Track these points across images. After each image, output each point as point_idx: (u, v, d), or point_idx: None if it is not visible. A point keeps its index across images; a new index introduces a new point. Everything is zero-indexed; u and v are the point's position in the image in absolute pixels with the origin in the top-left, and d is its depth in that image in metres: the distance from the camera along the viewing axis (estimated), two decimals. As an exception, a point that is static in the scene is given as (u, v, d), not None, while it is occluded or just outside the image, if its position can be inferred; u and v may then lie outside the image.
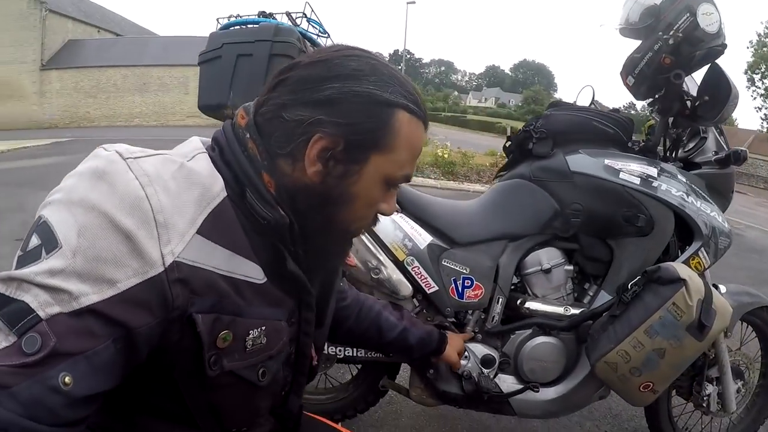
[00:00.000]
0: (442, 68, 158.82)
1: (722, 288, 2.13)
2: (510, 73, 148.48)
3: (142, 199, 0.72)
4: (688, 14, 1.94)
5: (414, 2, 36.86)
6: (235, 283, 0.81)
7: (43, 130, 27.95)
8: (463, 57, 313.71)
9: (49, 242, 0.68)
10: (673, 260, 1.99)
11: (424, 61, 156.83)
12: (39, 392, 0.62)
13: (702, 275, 1.95)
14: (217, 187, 0.81)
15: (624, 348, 1.74)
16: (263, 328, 0.87)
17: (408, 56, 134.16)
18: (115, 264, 0.69)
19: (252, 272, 0.85)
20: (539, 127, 2.07)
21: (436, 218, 2.02)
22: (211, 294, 0.78)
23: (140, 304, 0.70)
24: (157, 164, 0.78)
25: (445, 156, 11.87)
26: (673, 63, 1.96)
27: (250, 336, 0.85)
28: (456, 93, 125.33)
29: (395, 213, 1.95)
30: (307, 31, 2.15)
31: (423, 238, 1.98)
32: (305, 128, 0.83)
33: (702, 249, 1.99)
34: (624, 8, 2.17)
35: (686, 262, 1.96)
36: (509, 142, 2.21)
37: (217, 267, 0.79)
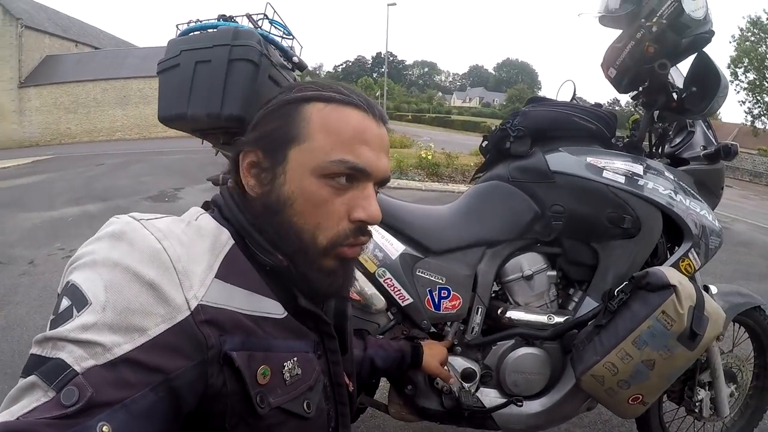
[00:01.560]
0: (426, 69, 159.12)
1: (713, 289, 2.05)
2: (494, 73, 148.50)
3: (160, 251, 0.76)
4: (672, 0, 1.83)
5: (395, 4, 37.01)
6: (257, 320, 0.83)
7: (24, 148, 28.33)
8: (446, 58, 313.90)
9: (79, 301, 0.71)
10: (662, 263, 1.90)
11: (407, 63, 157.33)
12: None
13: (693, 278, 1.86)
14: (224, 237, 0.86)
15: (611, 360, 1.63)
16: (295, 359, 0.88)
17: (391, 58, 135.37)
18: (143, 313, 0.71)
19: (272, 308, 0.87)
20: (517, 125, 1.96)
21: (407, 226, 1.92)
22: (239, 332, 0.80)
23: (173, 348, 0.72)
24: (168, 223, 0.83)
25: (429, 157, 11.83)
26: (657, 52, 1.86)
27: (286, 368, 0.86)
28: (440, 94, 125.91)
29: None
30: (269, 33, 2.06)
31: (395, 247, 1.88)
32: (234, 154, 0.94)
33: (692, 250, 1.89)
34: None
35: (676, 265, 1.86)
36: (486, 142, 2.10)
37: (238, 307, 0.81)
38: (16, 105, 32.22)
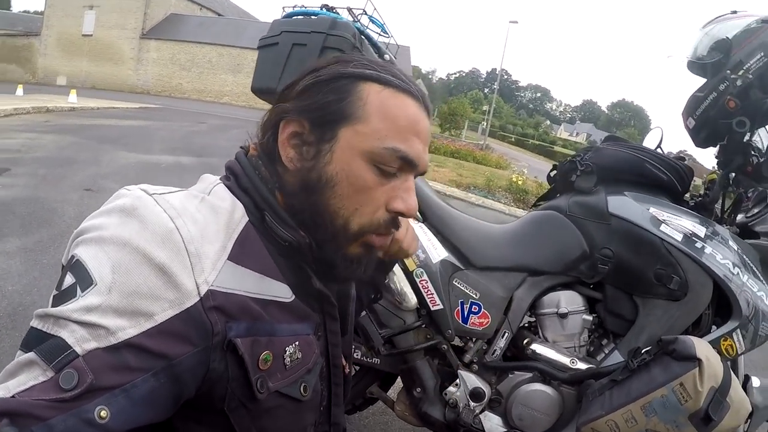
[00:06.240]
0: (538, 94, 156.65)
1: (756, 381, 1.86)
2: (606, 111, 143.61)
3: (173, 231, 0.72)
4: (762, 53, 1.74)
5: (516, 22, 36.66)
6: (264, 304, 0.81)
7: (135, 94, 30.67)
8: (560, 86, 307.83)
9: (84, 280, 0.68)
10: (703, 336, 1.77)
11: (520, 84, 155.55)
12: (74, 425, 0.61)
13: (734, 361, 1.75)
14: (238, 213, 0.82)
15: (615, 419, 1.54)
16: (297, 343, 0.86)
17: (504, 77, 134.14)
18: (151, 297, 0.68)
19: (280, 292, 0.85)
20: (586, 160, 1.92)
21: (455, 235, 1.93)
22: (245, 318, 0.77)
23: (178, 334, 0.69)
24: (181, 198, 0.79)
25: (519, 183, 11.67)
26: (738, 108, 1.75)
27: (287, 353, 0.84)
28: (548, 122, 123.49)
29: (416, 221, 1.89)
30: (366, 28, 2.17)
31: (438, 252, 1.90)
32: (274, 120, 0.87)
33: (738, 330, 1.74)
34: (694, 39, 1.99)
35: (716, 342, 1.73)
36: (554, 171, 2.07)
37: (248, 291, 0.78)
38: (135, 53, 35.20)
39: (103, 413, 0.62)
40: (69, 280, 0.69)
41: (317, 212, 0.84)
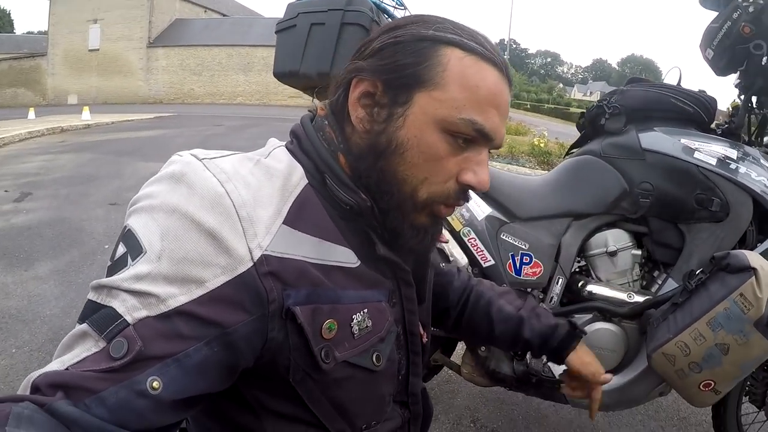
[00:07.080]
0: (548, 59, 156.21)
1: None
2: (617, 68, 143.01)
3: (223, 196, 0.70)
4: None
5: None
6: (325, 270, 0.78)
7: (148, 104, 30.68)
8: (569, 49, 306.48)
9: (134, 249, 0.68)
10: (752, 251, 1.81)
11: (530, 52, 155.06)
12: (126, 396, 0.61)
13: None
14: (296, 176, 0.80)
15: (683, 339, 1.58)
16: (365, 311, 0.82)
17: (513, 46, 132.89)
18: (202, 263, 0.67)
19: (344, 257, 0.81)
20: (613, 102, 1.96)
21: (497, 190, 1.97)
22: (305, 284, 0.75)
23: (231, 302, 0.68)
24: (234, 162, 0.77)
25: (541, 145, 11.63)
26: (753, 33, 1.81)
27: (355, 321, 0.81)
28: (561, 85, 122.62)
29: None
30: (381, 2, 2.18)
31: (481, 209, 1.95)
32: (347, 77, 0.83)
33: None
34: None
35: (765, 254, 1.78)
36: (582, 118, 2.11)
37: (306, 256, 0.76)
38: (144, 63, 34.87)
39: (155, 384, 0.62)
40: (121, 249, 0.69)
41: (384, 179, 0.81)
